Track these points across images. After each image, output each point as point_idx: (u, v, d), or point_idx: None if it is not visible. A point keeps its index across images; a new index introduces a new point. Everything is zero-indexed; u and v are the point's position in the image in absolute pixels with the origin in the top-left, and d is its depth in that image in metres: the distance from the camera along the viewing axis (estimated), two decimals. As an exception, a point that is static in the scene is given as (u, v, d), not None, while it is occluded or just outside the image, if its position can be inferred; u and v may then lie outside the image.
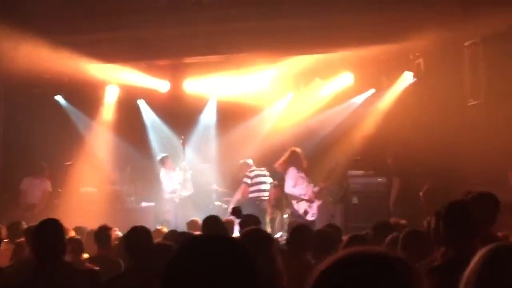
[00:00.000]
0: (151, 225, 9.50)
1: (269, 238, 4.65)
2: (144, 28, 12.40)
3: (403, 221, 8.37)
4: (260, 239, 4.53)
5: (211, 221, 7.12)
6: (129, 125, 15.08)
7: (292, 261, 5.74)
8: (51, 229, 5.14)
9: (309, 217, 11.76)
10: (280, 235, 12.37)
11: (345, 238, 6.21)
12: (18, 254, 7.10)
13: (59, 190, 13.44)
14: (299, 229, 6.56)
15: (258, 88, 14.54)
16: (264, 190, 13.01)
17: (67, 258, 5.54)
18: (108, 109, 15.20)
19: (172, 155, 14.53)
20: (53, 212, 11.14)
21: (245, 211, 11.85)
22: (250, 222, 7.33)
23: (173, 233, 7.76)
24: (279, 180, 13.08)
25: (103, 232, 7.52)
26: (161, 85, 14.95)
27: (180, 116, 15.06)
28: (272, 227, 12.99)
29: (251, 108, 14.70)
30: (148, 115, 15.57)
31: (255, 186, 12.93)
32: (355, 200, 12.98)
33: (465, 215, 4.57)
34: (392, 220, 8.11)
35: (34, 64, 12.37)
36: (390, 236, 6.00)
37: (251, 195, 12.87)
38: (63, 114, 15.03)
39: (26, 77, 12.71)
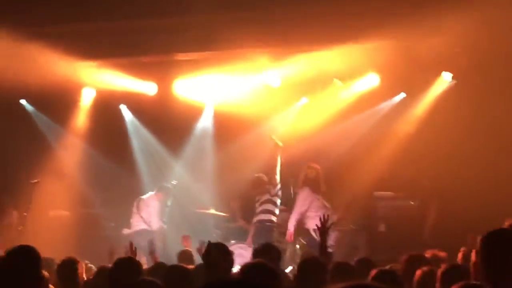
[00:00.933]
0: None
1: (275, 274, 4.45)
2: (125, 19, 12.24)
3: (442, 254, 8.16)
4: (265, 275, 4.34)
5: (218, 250, 6.80)
6: (109, 135, 14.83)
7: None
8: (24, 259, 4.92)
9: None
10: (290, 269, 12.15)
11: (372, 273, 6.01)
12: None
13: (24, 214, 13.22)
14: (310, 263, 6.39)
15: (264, 92, 14.37)
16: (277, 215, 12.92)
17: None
18: (84, 116, 15.00)
19: (157, 173, 14.46)
20: (17, 240, 10.87)
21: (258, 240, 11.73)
22: (272, 253, 7.17)
23: (160, 267, 7.54)
24: (286, 202, 12.91)
25: (67, 267, 7.26)
26: (147, 87, 14.77)
27: (170, 124, 14.85)
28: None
29: (256, 115, 14.50)
30: (132, 123, 15.39)
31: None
32: (382, 227, 12.76)
33: (507, 247, 4.41)
34: (429, 252, 7.88)
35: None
36: (420, 271, 5.89)
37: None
38: (28, 122, 14.86)
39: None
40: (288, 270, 11.96)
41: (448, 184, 12.33)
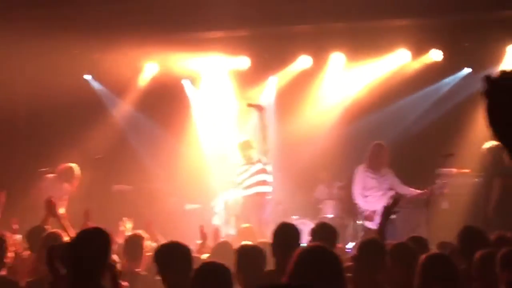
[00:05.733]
0: (195, 233, 9.36)
1: (335, 258, 4.33)
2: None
3: (509, 235, 7.90)
4: (324, 260, 4.26)
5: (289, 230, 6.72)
6: (171, 110, 14.91)
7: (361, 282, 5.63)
8: (94, 243, 4.92)
9: (371, 225, 11.47)
10: (353, 246, 12.07)
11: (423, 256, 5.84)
12: (40, 269, 6.64)
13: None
14: (367, 245, 6.33)
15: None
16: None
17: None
18: (146, 91, 15.07)
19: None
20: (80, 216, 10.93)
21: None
22: (329, 233, 7.15)
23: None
24: (348, 179, 12.77)
25: (134, 243, 7.40)
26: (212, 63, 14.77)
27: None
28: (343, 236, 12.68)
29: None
30: (194, 99, 15.43)
31: None
32: (445, 205, 12.52)
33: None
34: (496, 234, 7.62)
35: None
36: (481, 252, 5.82)
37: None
38: (93, 97, 15.01)
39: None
40: (350, 246, 11.90)
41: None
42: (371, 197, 11.75)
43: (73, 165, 12.27)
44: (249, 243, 6.91)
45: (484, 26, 12.66)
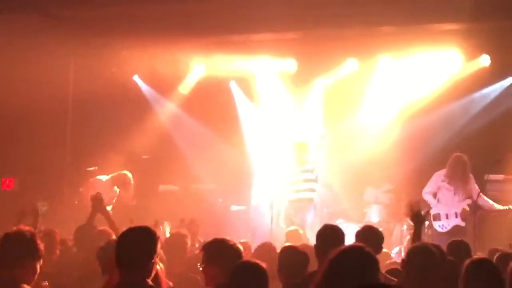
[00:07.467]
0: (240, 234, 9.45)
1: (372, 259, 4.30)
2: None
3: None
4: (361, 260, 4.23)
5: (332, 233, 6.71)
6: (218, 112, 15.05)
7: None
8: (141, 241, 4.81)
9: (438, 228, 11.47)
10: (397, 250, 12.06)
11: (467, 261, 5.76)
12: (88, 265, 6.79)
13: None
14: (418, 252, 5.99)
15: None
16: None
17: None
18: (193, 92, 15.21)
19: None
20: (127, 215, 11.08)
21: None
22: (373, 236, 7.13)
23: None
24: (398, 183, 12.78)
25: (177, 240, 7.44)
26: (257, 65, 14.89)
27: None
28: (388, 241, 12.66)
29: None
30: (241, 101, 15.50)
31: None
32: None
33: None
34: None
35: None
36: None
37: None
38: (141, 98, 15.20)
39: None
40: (394, 251, 11.88)
41: None
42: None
43: (128, 173, 12.36)
44: (292, 244, 6.96)
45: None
